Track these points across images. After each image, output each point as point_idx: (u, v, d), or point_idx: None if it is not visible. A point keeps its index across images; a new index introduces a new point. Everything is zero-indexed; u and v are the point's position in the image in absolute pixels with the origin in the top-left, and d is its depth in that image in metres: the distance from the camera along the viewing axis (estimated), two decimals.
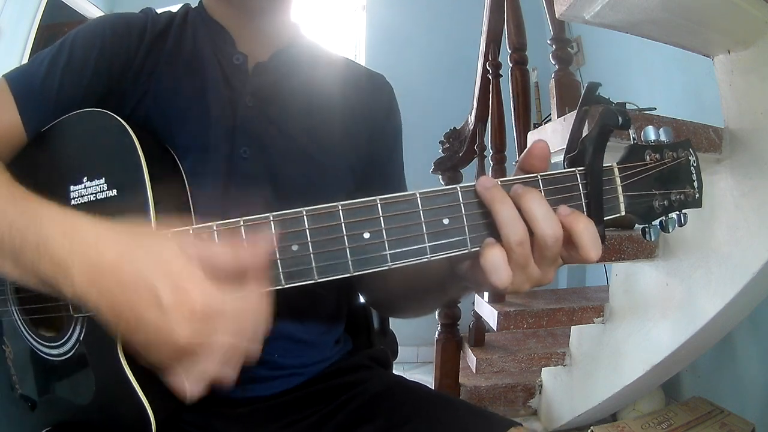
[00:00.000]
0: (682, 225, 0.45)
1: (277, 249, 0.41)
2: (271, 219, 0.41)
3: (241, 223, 0.41)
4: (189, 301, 0.37)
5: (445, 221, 0.42)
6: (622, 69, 2.23)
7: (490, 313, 1.49)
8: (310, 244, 0.41)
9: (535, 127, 1.39)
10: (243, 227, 0.41)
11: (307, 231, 0.41)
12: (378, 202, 0.41)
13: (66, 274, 0.39)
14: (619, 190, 0.44)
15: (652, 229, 0.45)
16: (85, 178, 0.51)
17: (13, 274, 0.43)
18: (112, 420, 0.52)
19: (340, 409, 0.65)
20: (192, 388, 0.39)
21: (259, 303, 0.40)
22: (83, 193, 0.51)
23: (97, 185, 0.51)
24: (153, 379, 0.48)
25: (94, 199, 0.51)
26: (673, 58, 1.76)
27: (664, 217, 0.45)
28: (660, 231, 0.45)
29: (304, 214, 0.41)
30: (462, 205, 0.42)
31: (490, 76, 1.72)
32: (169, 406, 0.52)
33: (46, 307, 0.54)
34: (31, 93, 0.57)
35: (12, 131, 0.56)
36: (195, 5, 0.70)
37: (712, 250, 1.16)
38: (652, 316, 1.34)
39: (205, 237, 0.41)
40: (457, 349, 1.80)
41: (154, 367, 0.40)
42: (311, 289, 0.42)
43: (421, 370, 2.63)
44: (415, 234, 0.41)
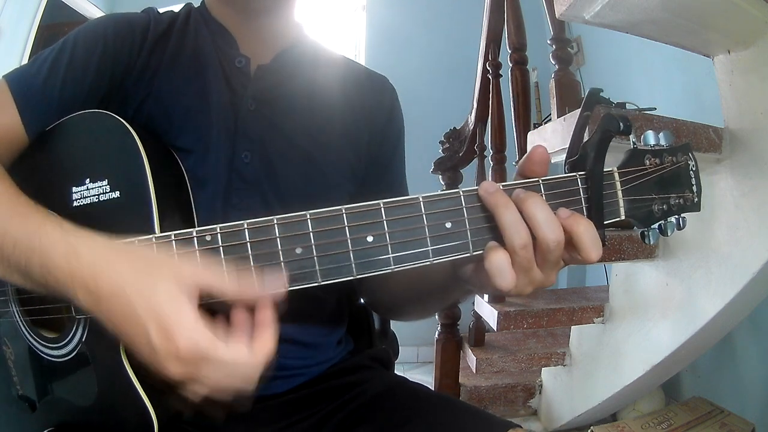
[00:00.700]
0: (680, 228, 0.46)
1: (281, 252, 0.41)
2: (275, 222, 0.41)
3: (245, 225, 0.41)
4: (174, 346, 0.39)
5: (448, 225, 0.42)
6: (622, 69, 2.22)
7: (490, 313, 1.49)
8: (313, 247, 0.41)
9: (535, 127, 1.39)
10: (247, 230, 0.41)
11: (310, 234, 0.41)
12: (381, 205, 0.41)
13: (71, 295, 0.42)
14: (619, 194, 0.45)
15: (651, 232, 0.45)
16: (88, 180, 0.51)
17: (24, 286, 0.46)
18: (114, 421, 0.53)
19: (340, 409, 0.65)
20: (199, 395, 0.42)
21: (255, 356, 0.42)
22: (86, 194, 0.51)
23: (100, 187, 0.51)
24: (155, 381, 0.49)
25: (96, 200, 0.51)
26: (673, 58, 1.76)
27: (663, 221, 0.45)
28: (659, 234, 0.45)
29: (308, 217, 0.41)
30: (464, 209, 0.42)
31: (490, 76, 1.72)
32: (171, 408, 0.52)
33: (47, 308, 0.54)
34: (31, 94, 0.56)
35: (12, 133, 0.56)
36: (197, 5, 0.69)
37: (712, 250, 1.16)
38: (652, 316, 1.34)
39: (212, 265, 0.42)
40: (457, 349, 1.80)
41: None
42: (313, 292, 0.42)
43: (421, 370, 2.63)
44: (417, 237, 0.42)
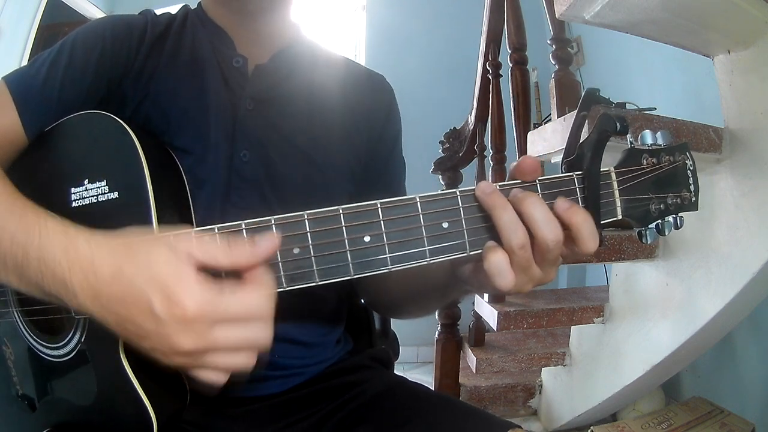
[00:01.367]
0: (678, 228, 0.46)
1: (278, 252, 0.41)
2: (272, 222, 0.41)
3: (243, 226, 0.41)
4: (180, 309, 0.37)
5: (445, 225, 0.42)
6: (622, 69, 2.22)
7: (490, 313, 1.49)
8: (311, 247, 0.41)
9: (535, 127, 1.38)
10: (245, 230, 0.41)
11: (308, 234, 0.41)
12: (379, 206, 0.41)
13: (68, 291, 0.40)
14: (616, 194, 0.45)
15: (649, 231, 0.46)
16: (87, 180, 0.51)
17: (19, 287, 0.44)
18: (113, 421, 0.53)
19: (340, 408, 0.65)
20: (215, 379, 0.40)
21: (261, 294, 0.39)
22: (84, 195, 0.51)
23: (99, 187, 0.51)
24: (155, 381, 0.49)
25: (95, 201, 0.51)
26: (673, 58, 1.76)
27: (660, 221, 0.45)
28: (656, 234, 0.45)
29: (306, 217, 0.41)
30: (461, 209, 0.42)
31: (490, 76, 1.72)
32: (170, 407, 0.52)
33: (47, 308, 0.54)
34: (31, 95, 0.57)
35: (12, 133, 0.56)
36: (194, 6, 0.69)
37: (712, 250, 1.16)
38: (652, 316, 1.34)
39: (205, 238, 0.42)
40: (457, 349, 1.80)
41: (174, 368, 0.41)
42: (312, 290, 0.42)
43: (421, 370, 2.63)
44: (415, 237, 0.42)
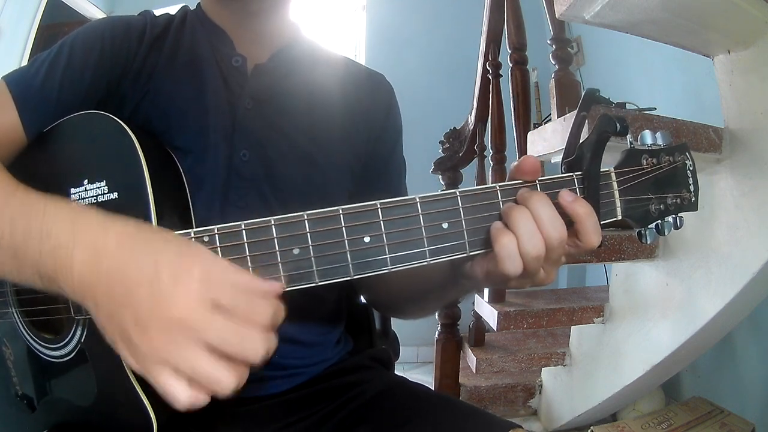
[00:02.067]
0: (678, 228, 0.46)
1: (278, 252, 0.41)
2: (272, 223, 0.41)
3: (243, 226, 0.41)
4: (189, 263, 0.36)
5: (445, 225, 0.42)
6: (622, 69, 2.22)
7: (490, 313, 1.49)
8: (311, 247, 0.41)
9: (535, 127, 1.38)
10: (245, 230, 0.41)
11: (308, 235, 0.41)
12: (378, 206, 0.41)
13: (66, 259, 0.38)
14: (616, 194, 0.45)
15: (648, 232, 0.46)
16: (86, 181, 0.51)
17: (11, 269, 0.42)
18: (113, 422, 0.53)
19: (340, 408, 0.65)
20: (182, 391, 0.36)
21: (269, 301, 0.38)
22: (84, 195, 0.51)
23: (98, 188, 0.51)
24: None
25: (95, 201, 0.51)
26: (673, 58, 1.76)
27: (660, 221, 0.45)
28: (656, 234, 0.45)
29: (306, 218, 0.41)
30: (461, 209, 0.42)
31: (490, 76, 1.72)
32: (170, 407, 0.52)
33: (47, 309, 0.54)
34: (30, 95, 0.57)
35: (12, 133, 0.56)
36: (193, 7, 0.69)
37: (712, 250, 1.16)
38: (652, 316, 1.34)
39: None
40: (457, 349, 1.80)
41: (143, 365, 0.37)
42: (312, 290, 0.42)
43: (421, 370, 2.63)
44: (414, 238, 0.42)
